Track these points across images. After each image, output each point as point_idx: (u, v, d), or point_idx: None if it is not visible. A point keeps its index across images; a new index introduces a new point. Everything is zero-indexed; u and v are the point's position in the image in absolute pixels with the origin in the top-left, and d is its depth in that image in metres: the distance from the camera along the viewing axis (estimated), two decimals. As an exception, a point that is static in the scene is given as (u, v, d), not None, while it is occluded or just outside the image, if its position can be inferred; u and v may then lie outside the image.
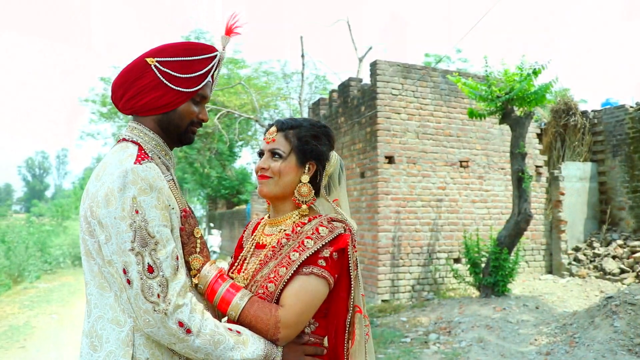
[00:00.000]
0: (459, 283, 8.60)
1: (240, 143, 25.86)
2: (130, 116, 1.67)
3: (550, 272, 9.76)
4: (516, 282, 8.79)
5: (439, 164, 9.08)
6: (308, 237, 1.57)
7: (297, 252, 1.55)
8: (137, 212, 1.39)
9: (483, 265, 7.89)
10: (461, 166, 9.26)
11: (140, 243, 1.37)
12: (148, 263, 1.37)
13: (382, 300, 8.46)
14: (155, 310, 1.35)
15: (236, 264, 1.74)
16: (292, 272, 1.53)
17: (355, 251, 1.62)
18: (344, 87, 10.34)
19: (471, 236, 8.45)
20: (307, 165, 1.68)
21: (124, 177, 1.41)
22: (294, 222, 1.66)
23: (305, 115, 15.08)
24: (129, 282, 1.37)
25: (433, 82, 9.18)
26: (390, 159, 8.76)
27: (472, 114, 7.84)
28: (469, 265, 8.05)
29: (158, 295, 1.36)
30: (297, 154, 1.67)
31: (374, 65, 8.94)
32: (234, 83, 18.85)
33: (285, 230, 1.65)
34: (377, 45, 44.88)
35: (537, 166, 9.89)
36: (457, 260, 9.02)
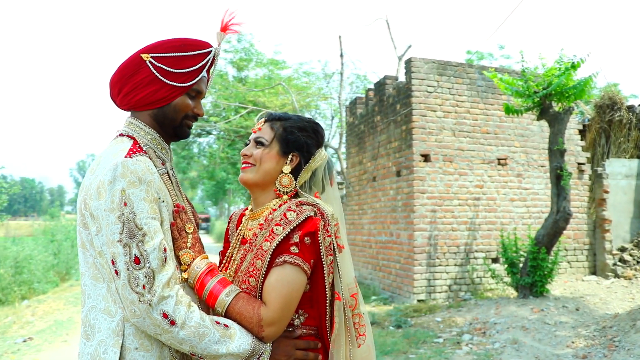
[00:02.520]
0: (496, 283, 8.41)
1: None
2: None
3: (594, 273, 9.43)
4: (557, 283, 8.53)
5: (476, 161, 8.90)
6: (277, 224, 1.54)
7: (268, 241, 1.54)
8: (125, 204, 1.41)
9: (521, 265, 7.70)
10: (499, 164, 9.05)
11: (128, 235, 1.40)
12: (135, 254, 1.39)
13: (418, 300, 8.35)
14: (140, 301, 1.37)
15: (224, 261, 1.73)
16: (267, 263, 1.51)
17: (330, 236, 1.58)
18: (380, 85, 10.28)
19: (509, 235, 8.26)
20: (290, 156, 1.67)
21: (114, 170, 1.44)
22: (269, 212, 1.64)
23: (344, 115, 15.04)
24: (117, 272, 1.40)
25: (469, 78, 9.01)
26: (426, 157, 8.65)
27: (508, 110, 7.64)
28: (506, 265, 7.87)
29: (144, 286, 1.38)
30: (280, 142, 1.67)
31: (408, 63, 8.85)
32: (274, 84, 18.98)
33: (261, 221, 1.64)
34: (417, 43, 44.39)
35: (579, 163, 9.57)
36: (495, 260, 8.82)
